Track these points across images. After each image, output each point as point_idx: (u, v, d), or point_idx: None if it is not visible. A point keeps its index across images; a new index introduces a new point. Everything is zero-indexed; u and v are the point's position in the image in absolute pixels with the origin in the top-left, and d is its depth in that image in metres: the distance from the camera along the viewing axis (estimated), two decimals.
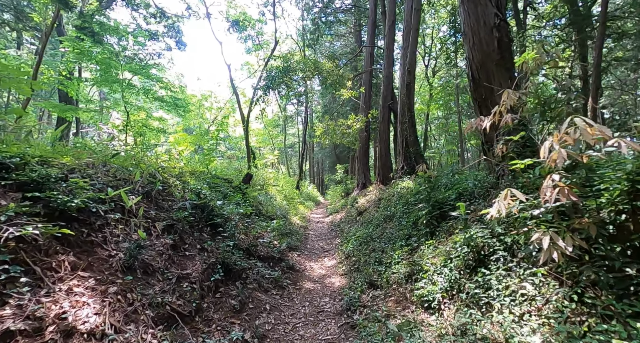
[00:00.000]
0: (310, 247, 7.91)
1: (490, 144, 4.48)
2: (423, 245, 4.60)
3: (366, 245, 6.41)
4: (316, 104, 33.68)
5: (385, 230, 6.59)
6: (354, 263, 5.83)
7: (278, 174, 18.38)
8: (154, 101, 15.69)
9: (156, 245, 3.76)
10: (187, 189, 5.73)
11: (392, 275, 4.49)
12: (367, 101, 13.49)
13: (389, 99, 11.02)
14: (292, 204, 13.80)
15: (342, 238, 8.16)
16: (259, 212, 8.49)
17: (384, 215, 7.47)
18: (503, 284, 2.71)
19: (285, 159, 37.29)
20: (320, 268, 6.30)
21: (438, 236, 4.45)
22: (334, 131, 13.16)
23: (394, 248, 5.38)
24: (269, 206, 9.51)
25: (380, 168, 10.91)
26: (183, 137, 7.73)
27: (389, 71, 11.18)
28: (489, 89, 4.37)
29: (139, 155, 5.72)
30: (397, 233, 5.92)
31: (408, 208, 6.55)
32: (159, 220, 4.22)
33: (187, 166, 8.05)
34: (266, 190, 12.33)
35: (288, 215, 10.53)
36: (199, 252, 4.38)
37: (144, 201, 4.37)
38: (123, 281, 2.86)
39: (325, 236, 9.45)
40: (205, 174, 7.81)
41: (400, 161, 9.06)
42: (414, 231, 5.33)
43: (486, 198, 4.25)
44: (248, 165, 13.59)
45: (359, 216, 9.48)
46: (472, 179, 5.32)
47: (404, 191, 7.83)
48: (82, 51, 13.58)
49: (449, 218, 4.62)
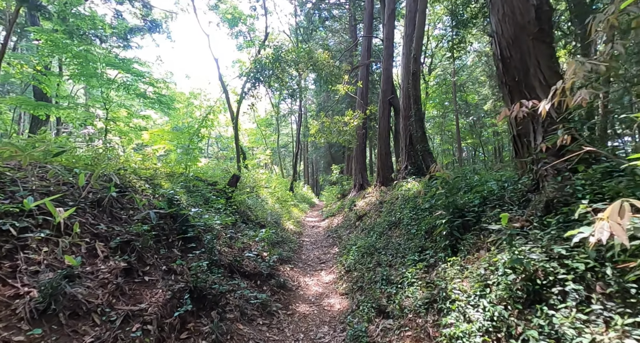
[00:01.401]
0: (305, 258, 7.03)
1: (524, 137, 3.66)
2: (443, 262, 3.76)
3: (369, 256, 5.56)
4: (310, 103, 32.83)
5: (391, 239, 5.74)
6: (356, 279, 4.96)
7: (270, 175, 17.46)
8: (136, 98, 14.65)
9: (100, 271, 2.84)
10: (158, 194, 4.81)
11: (405, 299, 3.63)
12: (364, 97, 12.66)
13: (389, 94, 10.20)
14: (285, 207, 12.91)
15: (340, 247, 7.30)
16: (247, 218, 7.58)
17: (387, 220, 6.62)
18: (585, 336, 1.86)
19: (279, 159, 36.32)
20: (316, 284, 5.42)
21: (462, 252, 3.61)
22: (330, 129, 12.31)
23: (404, 262, 4.53)
24: (259, 210, 8.61)
25: (380, 168, 10.09)
26: (159, 133, 6.77)
27: (389, 63, 10.37)
28: (524, 69, 3.55)
29: (102, 155, 4.78)
30: (407, 243, 5.08)
31: (417, 213, 5.71)
32: (111, 237, 3.30)
33: (166, 167, 7.12)
34: (257, 193, 11.41)
35: (280, 220, 9.64)
36: (164, 275, 3.47)
37: (93, 212, 3.44)
38: (26, 337, 1.94)
39: (321, 243, 8.58)
40: (185, 176, 6.87)
41: (404, 160, 8.24)
42: (429, 243, 4.48)
43: (523, 204, 3.42)
44: (237, 166, 12.65)
45: (359, 221, 8.62)
46: (495, 180, 4.50)
47: (409, 193, 7.00)
48: (55, 43, 12.51)
49: (473, 228, 3.78)
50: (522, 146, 3.72)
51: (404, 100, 8.41)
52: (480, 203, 4.05)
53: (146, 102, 14.99)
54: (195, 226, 4.44)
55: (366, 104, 12.68)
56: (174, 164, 6.83)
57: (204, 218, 4.44)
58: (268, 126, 34.40)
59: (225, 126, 30.13)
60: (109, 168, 4.03)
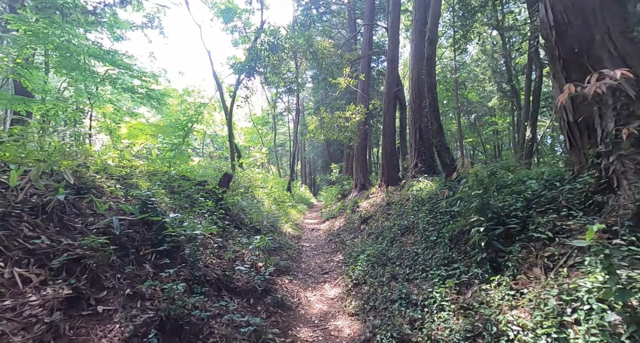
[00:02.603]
0: (305, 267, 6.25)
1: (584, 123, 2.91)
2: (481, 280, 3.01)
3: (381, 267, 4.79)
4: (307, 101, 32.07)
5: (405, 247, 4.99)
6: (367, 296, 4.19)
7: (267, 174, 16.64)
8: (124, 93, 13.77)
9: (28, 304, 2.05)
10: (131, 196, 4.01)
11: (437, 329, 2.87)
12: (366, 90, 11.90)
13: (394, 86, 9.46)
14: (283, 208, 12.12)
15: (345, 254, 6.53)
16: (240, 222, 6.79)
17: (398, 224, 5.87)
18: None
19: (275, 159, 35.52)
20: (320, 300, 4.64)
21: (508, 269, 2.86)
22: (330, 125, 11.54)
23: (427, 277, 3.78)
24: (254, 213, 7.82)
25: (385, 167, 9.34)
26: (140, 127, 5.94)
27: (394, 53, 9.62)
28: (587, 37, 2.80)
29: (58, 148, 3.97)
30: (426, 253, 4.32)
31: (435, 217, 4.96)
32: (54, 253, 2.51)
33: (149, 165, 6.30)
34: (252, 193, 10.62)
35: (278, 223, 8.85)
36: (127, 302, 2.68)
37: (34, 221, 2.65)
38: None
39: (322, 249, 7.80)
40: (169, 175, 6.07)
41: (413, 157, 7.50)
42: (456, 254, 3.73)
43: (592, 209, 2.68)
44: (231, 164, 11.83)
45: (363, 224, 7.86)
46: (536, 178, 3.76)
47: (422, 194, 6.25)
48: (35, 33, 11.60)
49: (518, 238, 3.04)
50: (581, 135, 2.97)
51: (414, 90, 7.67)
52: (524, 207, 3.30)
53: (134, 98, 14.12)
54: (175, 235, 3.65)
55: (368, 98, 11.92)
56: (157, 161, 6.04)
57: (183, 226, 3.63)
58: (264, 124, 33.59)
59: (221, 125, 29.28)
60: (64, 165, 3.23)
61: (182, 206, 5.10)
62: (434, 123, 5.59)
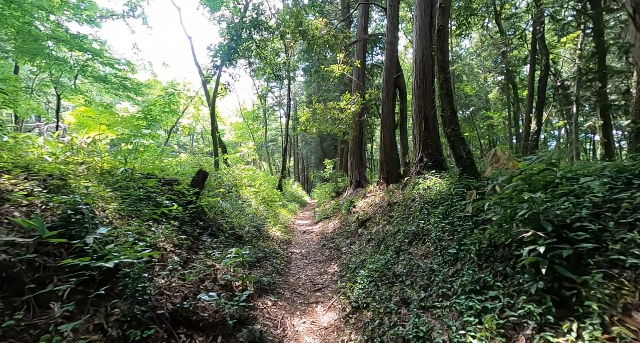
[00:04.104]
0: (294, 281, 5.27)
1: None
2: (540, 323, 2.08)
3: (387, 286, 3.86)
4: (300, 94, 30.98)
5: (416, 260, 4.05)
6: (371, 329, 3.24)
7: (256, 171, 15.57)
8: (95, 82, 12.50)
9: None
10: (58, 203, 2.97)
11: None
12: (361, 78, 10.89)
13: (394, 72, 8.48)
14: (272, 208, 11.11)
15: (340, 264, 5.58)
16: (217, 228, 5.78)
17: (405, 231, 4.93)
18: None
19: (267, 155, 34.41)
20: (310, 331, 3.68)
21: (594, 313, 1.92)
22: (323, 117, 10.52)
23: (452, 307, 2.83)
24: (236, 216, 6.80)
25: (384, 162, 8.38)
26: (90, 115, 4.81)
27: (394, 36, 8.63)
28: None
29: None
30: (445, 270, 3.38)
31: (452, 223, 4.03)
32: None
33: (108, 161, 5.22)
34: (237, 192, 9.59)
35: (264, 226, 7.86)
36: None
37: None
38: None
39: (315, 256, 6.85)
40: (128, 173, 5.02)
41: (417, 151, 6.55)
42: (491, 277, 2.79)
43: None
44: (214, 161, 10.75)
45: (361, 227, 6.92)
46: (595, 175, 2.84)
47: (430, 193, 5.32)
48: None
49: (592, 262, 2.11)
50: None
51: (418, 74, 6.70)
52: (591, 215, 2.38)
53: (108, 88, 12.88)
54: (106, 258, 2.62)
55: (364, 87, 10.92)
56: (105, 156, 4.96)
57: (107, 249, 2.57)
58: (255, 119, 32.39)
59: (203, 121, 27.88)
60: None
61: (137, 212, 4.06)
62: (447, 109, 4.64)
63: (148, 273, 3.21)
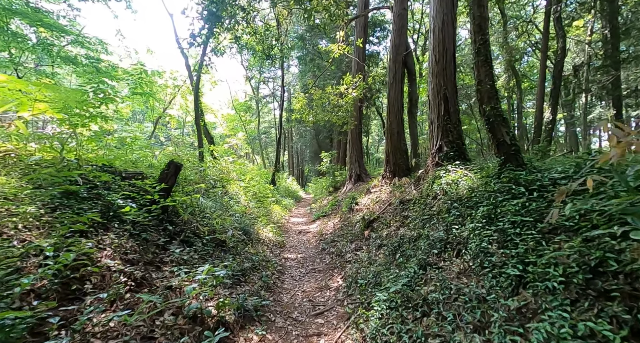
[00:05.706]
0: (288, 301, 4.20)
1: None
2: None
3: (416, 317, 2.81)
4: (294, 84, 29.63)
5: (448, 280, 3.00)
6: None
7: (247, 164, 14.38)
8: (63, 64, 11.11)
9: None
10: None
11: None
12: (362, 59, 9.74)
13: (402, 49, 7.36)
14: (264, 205, 10.01)
15: (346, 277, 4.52)
16: (193, 232, 4.67)
17: (429, 237, 3.88)
18: None
19: (260, 148, 33.11)
20: None
21: None
22: (320, 104, 9.37)
23: None
24: (218, 216, 5.70)
25: (391, 153, 7.31)
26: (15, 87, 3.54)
27: (402, 8, 7.49)
28: None
29: None
30: (509, 304, 2.33)
31: (504, 231, 2.98)
32: None
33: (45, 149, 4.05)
34: (224, 188, 8.45)
35: (254, 227, 6.77)
36: None
37: None
38: None
39: (313, 263, 5.78)
40: (76, 164, 3.87)
41: (436, 139, 5.48)
42: (598, 323, 1.74)
43: None
44: (199, 152, 9.56)
45: (368, 229, 5.87)
46: None
47: (459, 190, 4.26)
48: None
49: None
50: None
51: (436, 47, 5.59)
52: None
53: (77, 71, 11.50)
54: None
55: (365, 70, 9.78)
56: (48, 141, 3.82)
57: None
58: (247, 110, 31.00)
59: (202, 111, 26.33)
60: None
61: (69, 218, 2.92)
62: (486, 81, 3.57)
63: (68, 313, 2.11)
